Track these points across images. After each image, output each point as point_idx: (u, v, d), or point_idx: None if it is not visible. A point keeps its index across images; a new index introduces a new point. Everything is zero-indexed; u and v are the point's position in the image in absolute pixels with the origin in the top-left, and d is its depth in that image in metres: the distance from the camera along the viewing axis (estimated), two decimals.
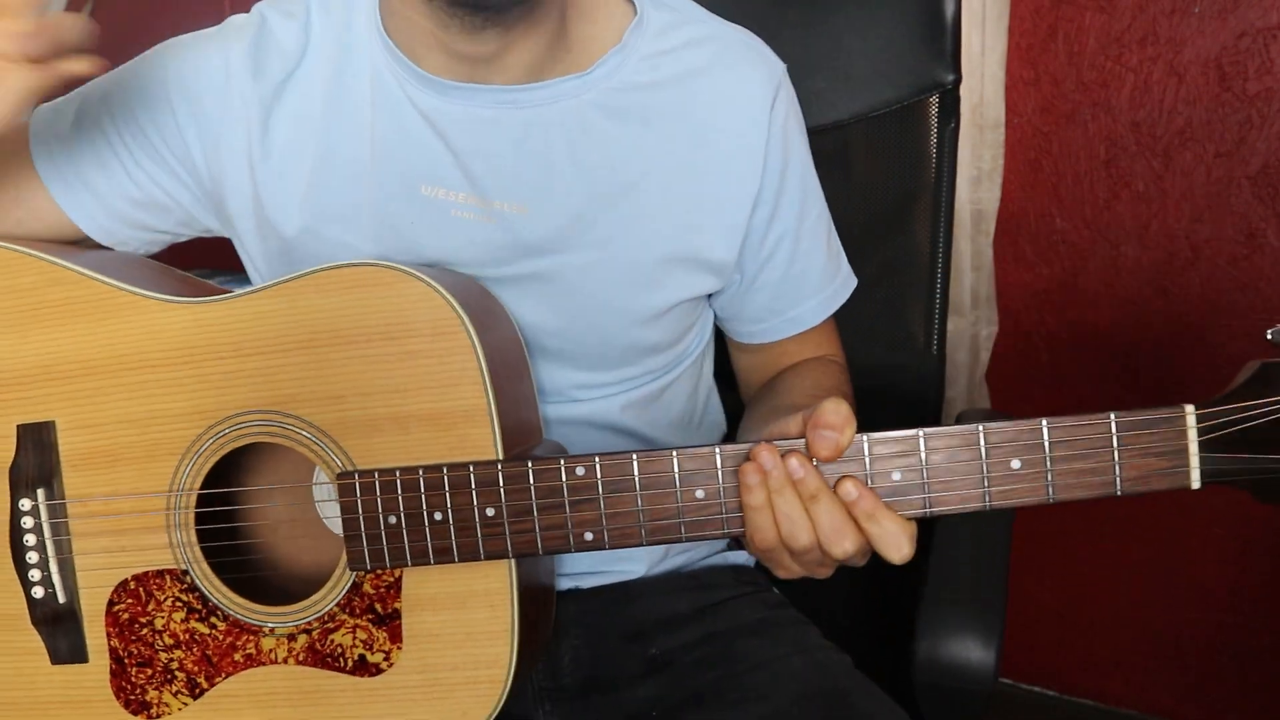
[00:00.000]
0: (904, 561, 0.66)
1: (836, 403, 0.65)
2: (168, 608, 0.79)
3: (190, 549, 0.78)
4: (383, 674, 0.76)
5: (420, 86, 0.81)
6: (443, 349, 0.73)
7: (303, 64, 0.83)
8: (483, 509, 0.71)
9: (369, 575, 0.75)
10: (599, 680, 0.89)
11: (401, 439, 0.73)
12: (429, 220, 0.82)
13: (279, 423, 0.76)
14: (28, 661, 0.81)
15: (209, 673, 0.79)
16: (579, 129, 0.82)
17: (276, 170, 0.83)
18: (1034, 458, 0.65)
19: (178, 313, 0.78)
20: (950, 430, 0.66)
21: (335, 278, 0.74)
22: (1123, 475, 0.64)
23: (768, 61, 0.88)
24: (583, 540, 0.70)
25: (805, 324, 0.94)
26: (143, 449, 0.78)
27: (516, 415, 0.76)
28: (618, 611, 0.92)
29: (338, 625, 0.76)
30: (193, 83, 0.83)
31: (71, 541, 0.80)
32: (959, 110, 1.12)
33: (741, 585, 0.96)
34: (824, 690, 0.83)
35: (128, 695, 0.80)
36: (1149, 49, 1.39)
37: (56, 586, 0.80)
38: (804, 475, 0.65)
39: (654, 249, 0.84)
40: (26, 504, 0.80)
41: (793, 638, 0.89)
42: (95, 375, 0.79)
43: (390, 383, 0.74)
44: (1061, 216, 1.51)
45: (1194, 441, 0.64)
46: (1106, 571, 1.64)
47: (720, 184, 0.85)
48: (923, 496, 0.66)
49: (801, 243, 0.90)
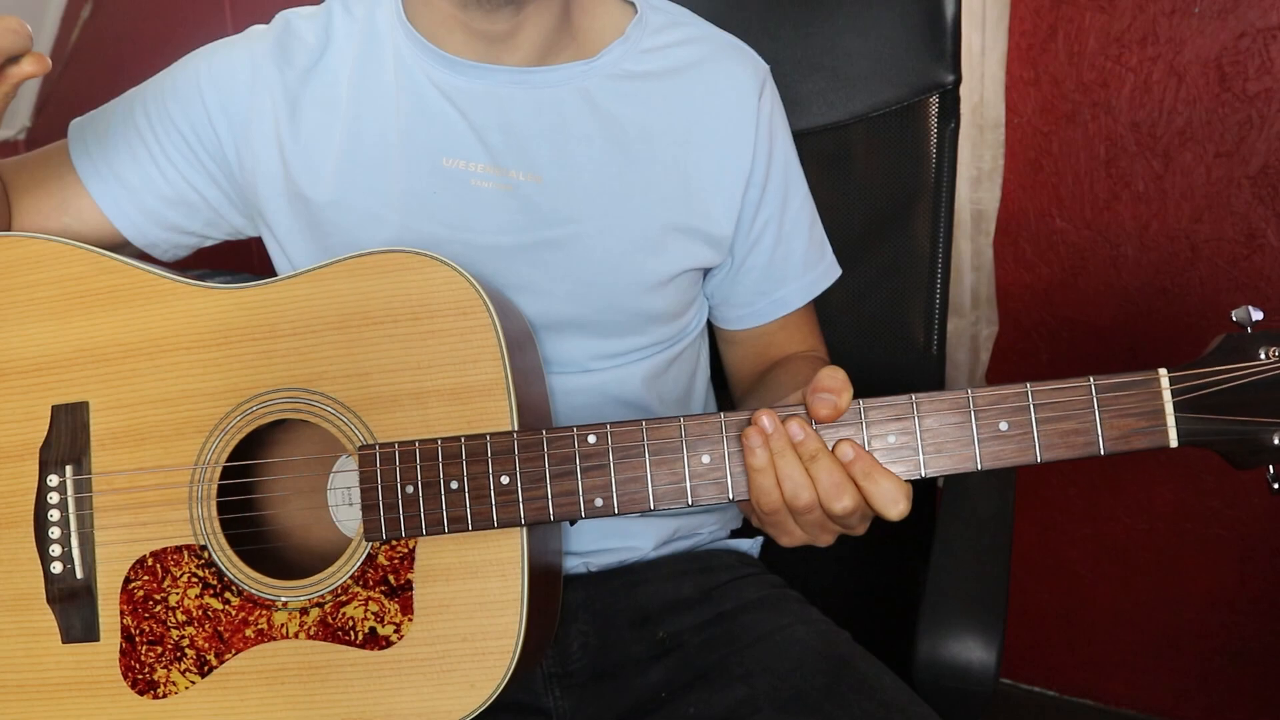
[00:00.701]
0: (900, 518, 0.69)
1: (833, 369, 0.70)
2: (183, 583, 0.80)
3: (210, 523, 0.80)
4: (392, 646, 0.77)
5: (441, 67, 0.89)
6: (465, 327, 0.77)
7: (326, 55, 0.91)
8: (497, 477, 0.74)
9: (384, 547, 0.77)
10: (608, 665, 0.91)
11: (421, 413, 0.77)
12: (451, 190, 0.88)
13: (304, 399, 0.79)
14: (38, 642, 0.82)
15: (219, 649, 0.80)
16: (588, 106, 0.90)
17: (306, 149, 0.89)
18: (1020, 419, 0.69)
19: (216, 298, 0.81)
20: (941, 395, 0.70)
21: (368, 263, 0.79)
22: (1104, 435, 0.68)
23: (754, 60, 0.97)
24: (593, 506, 0.73)
25: (790, 305, 1.00)
26: (172, 427, 0.81)
27: (530, 392, 0.80)
28: (624, 596, 0.94)
29: (350, 598, 0.78)
30: (223, 78, 0.90)
31: (94, 517, 0.82)
32: (959, 110, 1.12)
33: (744, 567, 0.99)
34: (826, 655, 0.86)
35: (135, 674, 0.81)
36: (1149, 49, 1.39)
37: (75, 562, 0.82)
38: (804, 437, 0.70)
39: (659, 217, 0.90)
40: (54, 480, 0.82)
41: (795, 611, 0.92)
42: (132, 358, 0.82)
43: (414, 360, 0.77)
44: (1061, 216, 1.51)
45: (1169, 403, 0.69)
46: (1106, 571, 1.64)
47: (717, 161, 0.92)
48: (917, 458, 0.70)
49: (785, 227, 0.97)
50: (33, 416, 0.83)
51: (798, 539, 0.74)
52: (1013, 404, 0.69)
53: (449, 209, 0.88)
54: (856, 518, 0.71)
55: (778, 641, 0.88)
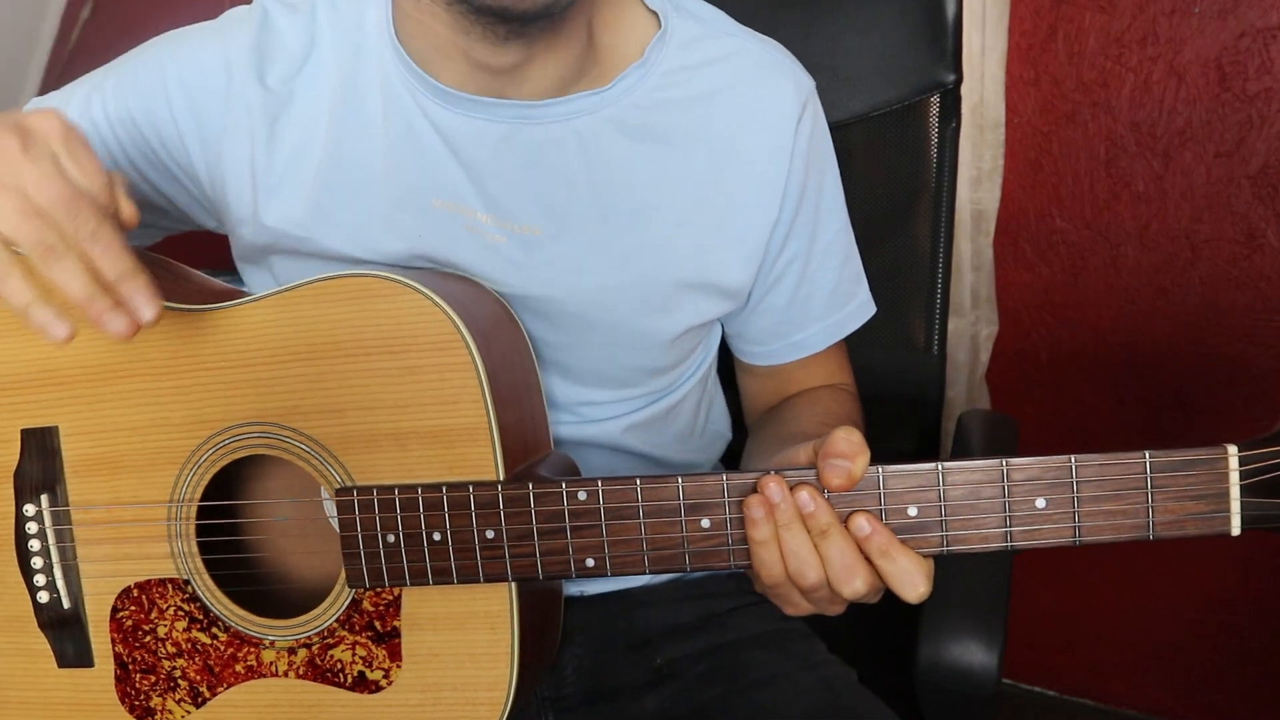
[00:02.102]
0: (919, 600, 0.63)
1: (848, 431, 0.62)
2: (170, 616, 0.78)
3: (191, 559, 0.77)
4: (383, 691, 0.75)
5: (434, 99, 0.79)
6: (443, 364, 0.71)
7: (309, 63, 0.80)
8: (482, 531, 0.69)
9: (368, 593, 0.74)
10: (603, 690, 0.88)
11: (401, 455, 0.72)
12: (440, 233, 0.80)
13: (277, 435, 0.75)
14: (36, 663, 0.81)
15: (211, 682, 0.78)
16: (595, 148, 0.80)
17: (280, 175, 0.81)
18: (1061, 497, 0.61)
19: (180, 320, 0.76)
20: (971, 464, 0.62)
21: (334, 288, 0.73)
22: (1156, 519, 0.60)
23: (795, 78, 0.85)
24: (584, 566, 0.67)
25: (810, 349, 0.91)
26: (144, 457, 0.77)
27: (520, 431, 0.74)
28: (621, 620, 0.91)
29: (337, 641, 0.75)
30: (194, 85, 0.80)
31: (75, 548, 0.79)
32: (959, 110, 1.12)
33: (746, 595, 0.94)
34: (831, 709, 0.82)
35: (132, 701, 0.80)
36: (1149, 49, 1.39)
37: (61, 592, 0.80)
38: (814, 509, 0.62)
39: (668, 273, 0.82)
40: (31, 509, 0.79)
41: (800, 652, 0.88)
42: (97, 381, 0.78)
43: (391, 398, 0.72)
44: (1061, 216, 1.50)
45: (1235, 485, 0.59)
46: (1107, 572, 1.64)
47: (740, 209, 0.82)
48: (940, 534, 0.63)
49: (811, 264, 0.87)
50: (2, 439, 0.80)
51: (803, 611, 0.68)
52: (1053, 478, 0.61)
53: (436, 252, 0.80)
54: (870, 595, 0.64)
55: (781, 688, 0.84)
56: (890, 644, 0.93)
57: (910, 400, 1.12)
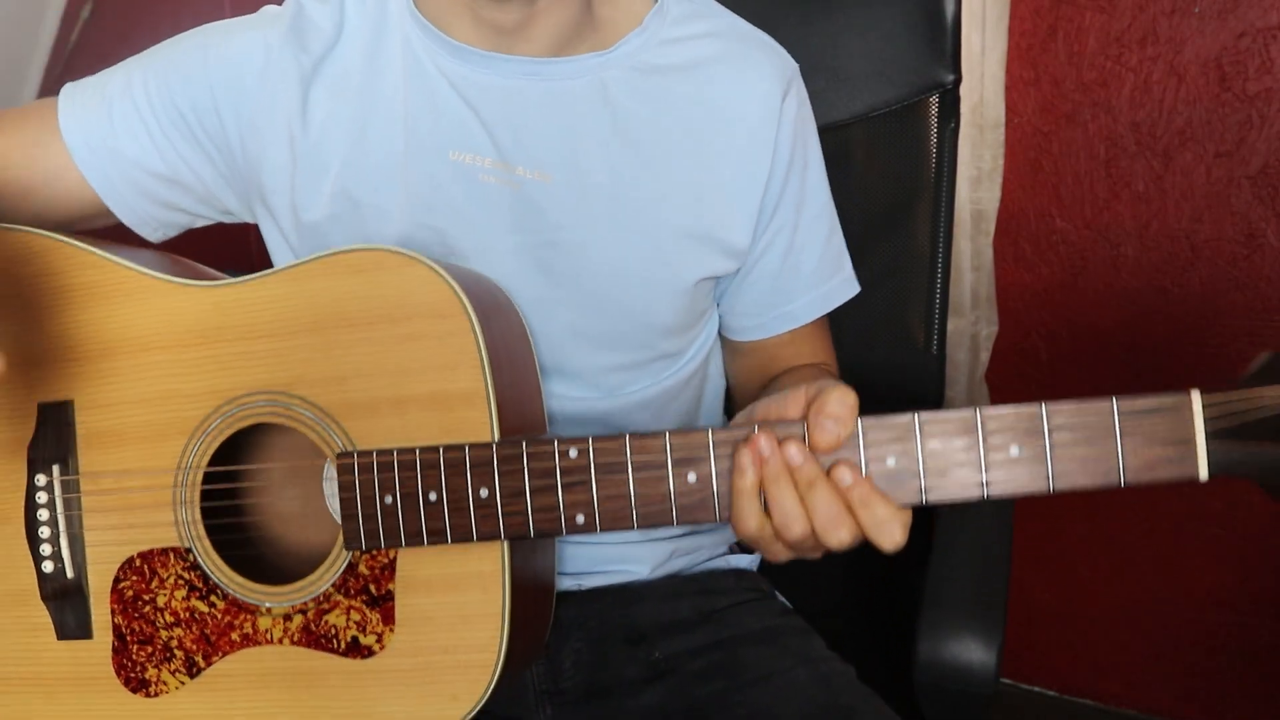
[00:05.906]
0: (895, 549, 0.64)
1: (844, 392, 0.64)
2: (170, 585, 0.80)
3: (194, 526, 0.79)
4: (374, 656, 0.76)
5: (449, 56, 0.85)
6: (443, 330, 0.74)
7: (339, 43, 0.87)
8: (477, 490, 0.71)
9: (364, 556, 0.76)
10: (600, 684, 0.89)
11: (400, 420, 0.74)
12: (458, 184, 0.85)
13: (284, 403, 0.77)
14: (35, 637, 0.82)
15: (206, 651, 0.79)
16: (602, 103, 0.85)
17: (315, 142, 0.86)
18: (1034, 444, 0.62)
19: (194, 295, 0.80)
20: (947, 415, 0.63)
21: (343, 261, 0.76)
22: (1126, 463, 0.62)
23: (780, 57, 0.91)
24: (574, 523, 0.69)
25: (798, 320, 0.94)
26: (154, 428, 0.80)
27: (516, 403, 0.77)
28: (619, 614, 0.91)
29: (332, 606, 0.77)
30: (235, 64, 0.86)
31: (82, 517, 0.82)
32: (959, 110, 1.12)
33: (745, 591, 0.96)
34: (829, 705, 0.83)
35: (128, 673, 0.81)
36: (1149, 49, 1.39)
37: (66, 562, 0.82)
38: (802, 462, 0.64)
39: (672, 222, 0.86)
40: (42, 479, 0.82)
41: (797, 649, 0.89)
42: (111, 356, 0.81)
43: (392, 364, 0.75)
44: (1061, 216, 1.51)
45: (1200, 430, 0.61)
46: (1106, 571, 1.64)
47: (735, 168, 0.87)
48: (918, 483, 0.64)
49: (798, 234, 0.92)
50: (20, 414, 0.83)
51: (782, 558, 0.69)
52: (1026, 426, 0.62)
53: (455, 205, 0.85)
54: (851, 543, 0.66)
55: (779, 685, 0.85)
56: (889, 641, 0.93)
57: (910, 400, 1.12)
